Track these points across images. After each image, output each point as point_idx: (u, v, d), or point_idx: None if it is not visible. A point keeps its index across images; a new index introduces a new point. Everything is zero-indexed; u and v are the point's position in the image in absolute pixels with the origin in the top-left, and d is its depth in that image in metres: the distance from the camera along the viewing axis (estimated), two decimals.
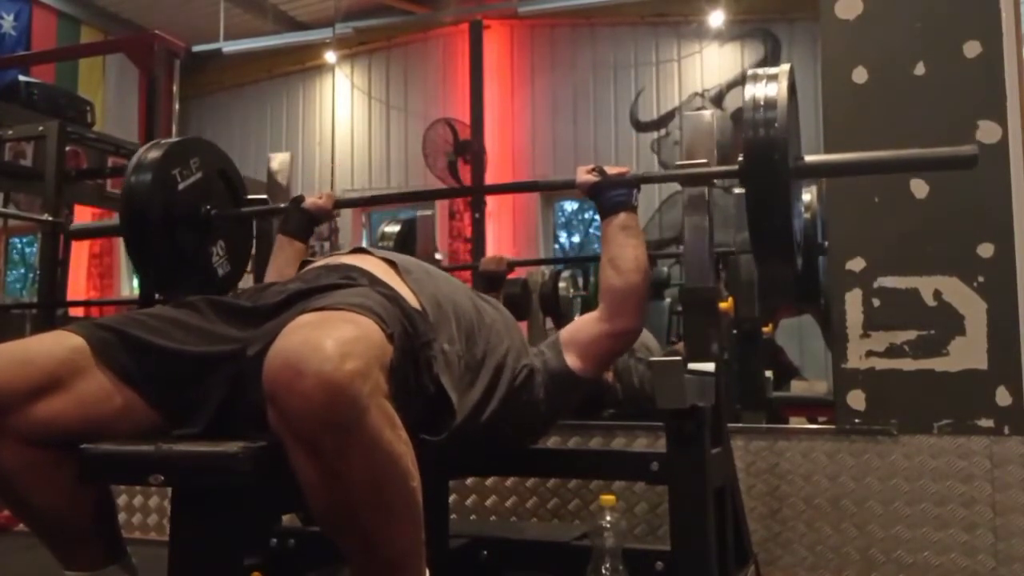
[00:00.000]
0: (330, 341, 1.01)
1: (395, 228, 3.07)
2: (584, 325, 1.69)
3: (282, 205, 1.98)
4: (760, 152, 1.48)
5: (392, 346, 1.13)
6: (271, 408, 1.02)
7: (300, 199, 1.92)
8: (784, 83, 1.51)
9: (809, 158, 1.57)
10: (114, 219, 2.10)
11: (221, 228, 1.89)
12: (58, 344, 1.21)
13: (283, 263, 1.83)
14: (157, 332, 1.26)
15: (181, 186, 1.78)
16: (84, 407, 1.19)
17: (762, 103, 1.49)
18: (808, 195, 2.71)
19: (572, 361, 1.64)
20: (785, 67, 1.56)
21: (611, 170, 1.70)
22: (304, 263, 1.79)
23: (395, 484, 1.08)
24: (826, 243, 2.21)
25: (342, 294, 1.22)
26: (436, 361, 1.28)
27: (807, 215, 2.60)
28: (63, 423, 1.17)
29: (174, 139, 1.85)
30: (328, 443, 1.01)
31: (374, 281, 1.36)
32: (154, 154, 1.75)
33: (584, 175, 1.71)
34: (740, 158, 1.53)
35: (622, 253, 1.64)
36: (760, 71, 1.56)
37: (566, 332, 1.71)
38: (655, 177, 1.99)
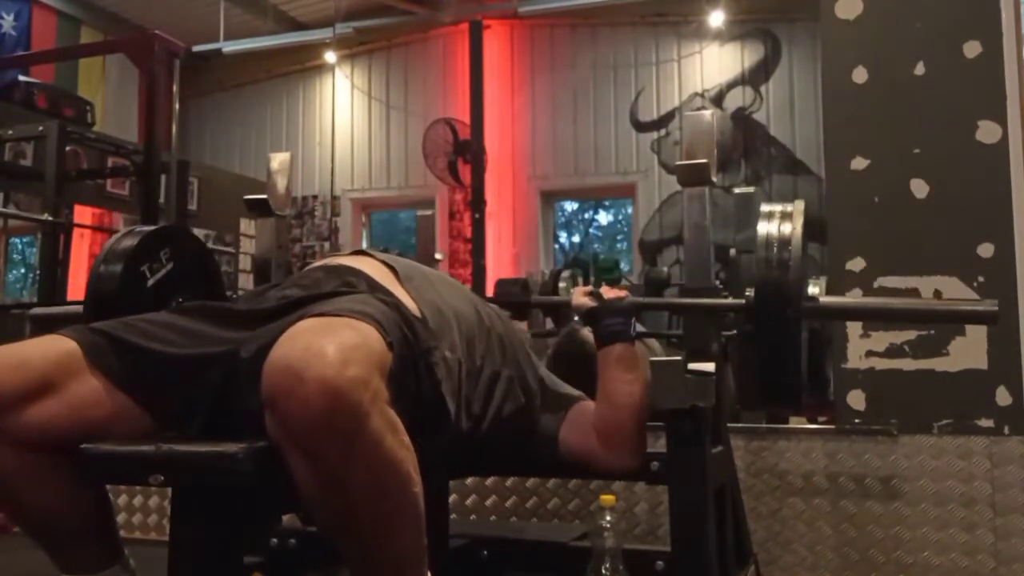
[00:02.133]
0: (331, 347, 1.00)
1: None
2: (591, 427, 1.58)
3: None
4: (771, 295, 1.45)
5: (392, 353, 1.12)
6: (269, 414, 1.01)
7: None
8: (799, 223, 1.47)
9: (822, 300, 1.52)
10: (77, 307, 2.02)
11: None
12: (51, 348, 1.21)
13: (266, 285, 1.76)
14: (150, 336, 1.25)
15: (150, 281, 1.71)
16: (77, 410, 1.18)
17: (776, 242, 1.45)
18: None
19: (563, 433, 1.58)
20: (800, 204, 1.51)
21: (608, 293, 1.64)
22: (303, 264, 1.77)
23: (397, 491, 1.07)
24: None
25: (342, 300, 1.21)
26: (437, 368, 1.27)
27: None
28: (56, 426, 1.16)
29: (146, 229, 1.78)
30: (329, 450, 1.00)
31: (373, 286, 1.34)
32: (125, 245, 1.69)
33: (580, 298, 1.65)
34: (748, 291, 1.49)
35: (616, 389, 1.54)
36: (776, 208, 1.51)
37: (579, 408, 1.61)
38: (655, 304, 1.92)
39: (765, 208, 1.52)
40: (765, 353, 1.50)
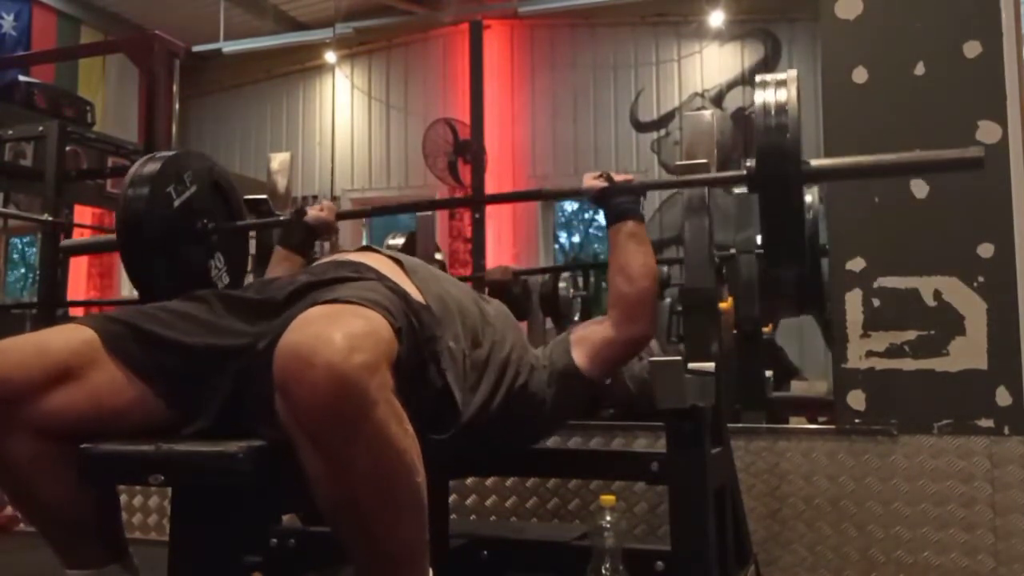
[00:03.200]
0: (339, 334, 1.02)
1: (399, 241, 3.06)
2: (596, 328, 1.68)
3: (282, 217, 1.96)
4: (772, 158, 1.47)
5: (399, 341, 1.14)
6: (280, 399, 1.03)
7: (302, 212, 1.89)
8: (794, 88, 1.51)
9: (815, 162, 1.56)
10: (109, 235, 2.06)
11: (218, 241, 1.87)
12: (71, 336, 1.22)
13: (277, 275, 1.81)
14: (167, 325, 1.27)
15: (176, 202, 1.75)
16: (96, 398, 1.20)
17: (773, 108, 1.49)
18: (809, 196, 2.70)
19: (580, 360, 1.64)
20: (792, 72, 1.56)
21: (617, 177, 1.70)
22: (310, 260, 1.79)
23: (400, 478, 1.09)
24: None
25: (351, 287, 1.23)
26: (442, 357, 1.28)
27: (809, 216, 2.59)
28: (76, 414, 1.18)
29: (169, 153, 1.82)
30: (335, 435, 1.02)
31: (381, 277, 1.36)
32: (149, 169, 1.73)
33: (591, 181, 1.70)
34: (748, 163, 1.52)
35: (632, 260, 1.63)
36: (768, 77, 1.55)
37: (577, 332, 1.70)
38: (662, 183, 2.00)
39: (759, 78, 1.57)
40: (770, 215, 1.52)
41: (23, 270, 8.13)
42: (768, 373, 3.21)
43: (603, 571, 1.51)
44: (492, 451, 1.61)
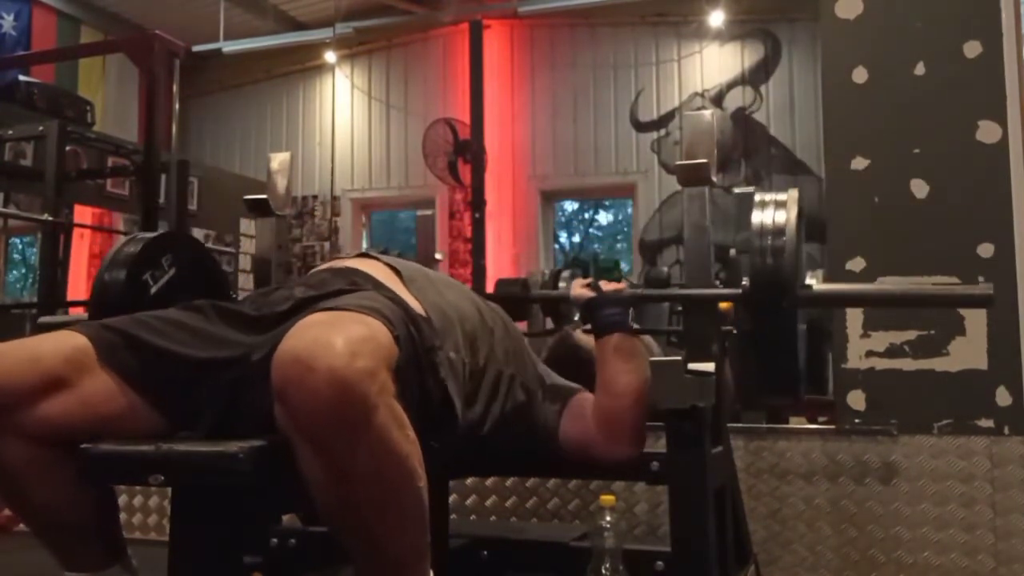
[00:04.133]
0: (340, 339, 1.02)
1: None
2: (589, 415, 1.59)
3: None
4: (766, 282, 1.45)
5: (399, 348, 1.13)
6: (279, 404, 1.03)
7: None
8: (794, 211, 1.47)
9: (816, 287, 1.52)
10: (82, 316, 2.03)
11: None
12: (65, 343, 1.22)
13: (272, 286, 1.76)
14: (162, 334, 1.26)
15: (153, 289, 1.71)
16: (89, 406, 1.19)
17: (770, 230, 1.45)
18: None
19: (564, 427, 1.59)
20: (794, 193, 1.52)
21: (607, 286, 1.65)
22: (303, 264, 1.78)
23: (401, 483, 1.08)
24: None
25: (350, 297, 1.23)
26: (442, 367, 1.28)
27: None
28: (68, 421, 1.17)
29: (149, 235, 1.78)
30: (336, 440, 1.01)
31: (378, 287, 1.36)
32: (127, 252, 1.70)
33: (579, 289, 1.67)
34: (744, 281, 1.50)
35: (616, 379, 1.55)
36: (768, 197, 1.52)
37: (578, 401, 1.62)
38: (652, 296, 1.92)
39: (759, 197, 1.53)
40: (762, 342, 1.50)
41: (23, 270, 8.13)
42: None
43: (603, 571, 1.51)
44: (491, 456, 1.60)
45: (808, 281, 1.53)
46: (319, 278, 1.42)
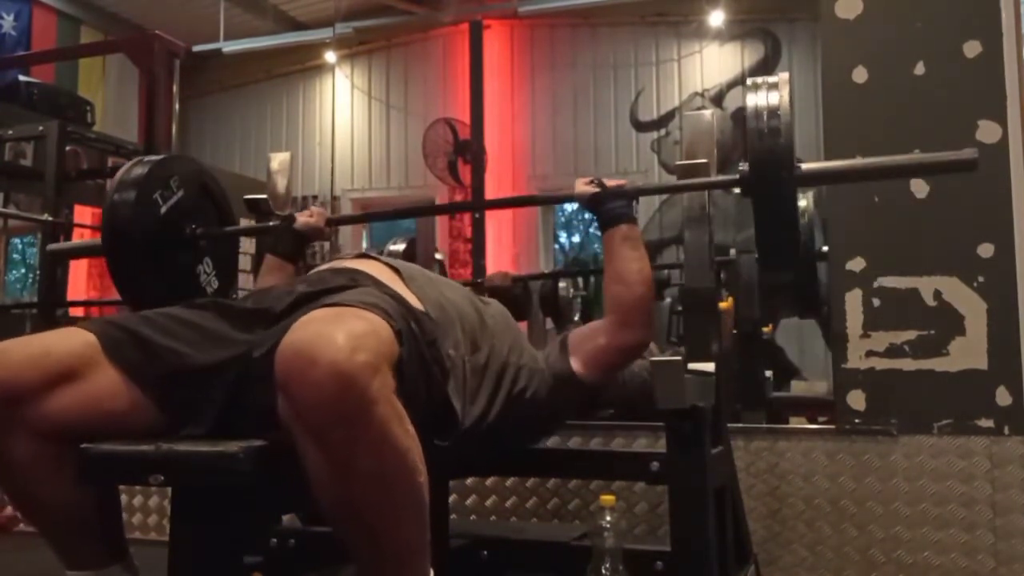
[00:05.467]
0: (342, 334, 1.03)
1: (400, 247, 3.05)
2: (593, 333, 1.68)
3: (271, 224, 1.95)
4: (765, 162, 1.47)
5: (399, 343, 1.14)
6: (282, 398, 1.03)
7: (291, 219, 1.87)
8: (786, 91, 1.50)
9: (807, 166, 1.55)
10: (96, 240, 2.04)
11: (207, 245, 1.86)
12: (72, 339, 1.23)
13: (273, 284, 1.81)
14: (167, 332, 1.27)
15: (163, 208, 1.74)
16: (95, 402, 1.20)
17: (765, 111, 1.48)
18: (804, 201, 2.70)
19: (577, 365, 1.64)
20: (784, 75, 1.55)
21: (609, 182, 1.69)
22: (309, 266, 1.79)
23: (402, 478, 1.09)
24: (824, 248, 2.20)
25: (351, 293, 1.24)
26: (442, 364, 1.29)
27: (803, 220, 2.58)
28: (74, 417, 1.18)
29: (156, 157, 1.80)
30: (337, 434, 1.02)
31: (378, 284, 1.37)
32: (136, 173, 1.72)
33: (583, 186, 1.70)
34: (741, 165, 1.52)
35: (627, 266, 1.63)
36: (760, 79, 1.55)
37: (574, 336, 1.70)
38: (653, 188, 2.01)
39: (751, 81, 1.56)
40: (763, 219, 1.53)
41: (23, 270, 8.13)
42: (768, 373, 3.21)
43: (603, 571, 1.51)
44: (492, 453, 1.61)
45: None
46: (319, 276, 1.44)
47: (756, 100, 1.50)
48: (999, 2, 2.07)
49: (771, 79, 1.54)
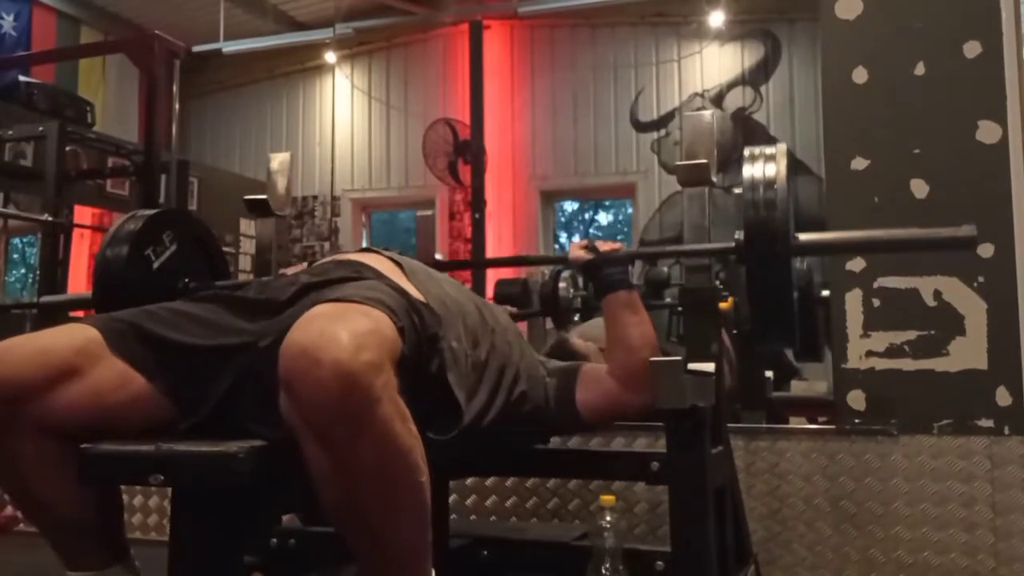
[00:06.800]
0: (346, 333, 1.03)
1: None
2: (606, 377, 1.65)
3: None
4: (761, 234, 1.47)
5: (402, 340, 1.14)
6: (285, 396, 1.03)
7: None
8: (783, 163, 1.50)
9: (805, 236, 1.55)
10: (86, 294, 2.05)
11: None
12: (74, 335, 1.23)
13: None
14: (170, 325, 1.28)
15: (156, 264, 1.74)
16: (99, 396, 1.20)
17: (761, 182, 1.48)
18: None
19: (582, 401, 1.62)
20: (782, 146, 1.56)
21: (603, 246, 1.68)
22: (310, 261, 1.79)
23: (404, 477, 1.09)
24: (824, 292, 2.17)
25: (354, 286, 1.24)
26: (444, 356, 1.29)
27: (802, 264, 2.53)
28: (79, 412, 1.18)
29: (148, 212, 1.80)
30: (340, 432, 1.02)
31: (381, 277, 1.37)
32: (128, 229, 1.72)
33: (578, 251, 1.68)
34: (737, 235, 1.52)
35: (628, 332, 1.60)
36: (757, 150, 1.55)
37: (589, 370, 1.67)
38: (649, 253, 1.96)
39: (748, 152, 1.56)
40: (758, 293, 1.53)
41: (23, 270, 8.13)
42: (768, 373, 3.21)
43: (603, 571, 1.51)
44: (492, 452, 1.61)
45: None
46: (322, 268, 1.44)
47: (752, 171, 1.50)
48: (999, 2, 2.07)
49: (768, 150, 1.54)
